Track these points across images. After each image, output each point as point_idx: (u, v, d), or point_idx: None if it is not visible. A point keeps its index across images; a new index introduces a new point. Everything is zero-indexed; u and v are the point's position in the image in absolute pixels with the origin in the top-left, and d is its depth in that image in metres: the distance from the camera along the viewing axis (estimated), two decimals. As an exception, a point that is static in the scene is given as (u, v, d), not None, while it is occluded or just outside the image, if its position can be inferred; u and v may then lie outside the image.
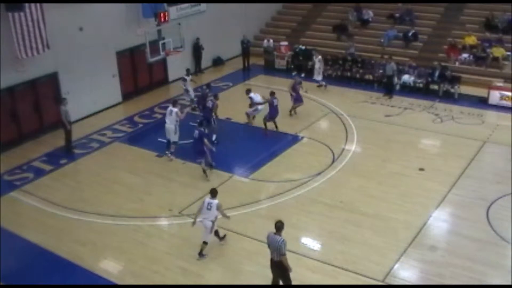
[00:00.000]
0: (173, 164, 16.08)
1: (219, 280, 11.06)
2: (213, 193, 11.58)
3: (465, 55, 22.54)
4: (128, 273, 11.43)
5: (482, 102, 19.92)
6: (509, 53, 21.90)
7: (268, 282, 10.55)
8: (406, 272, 11.11)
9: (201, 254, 11.64)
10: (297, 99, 19.07)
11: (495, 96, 19.67)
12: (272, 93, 17.79)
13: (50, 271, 11.55)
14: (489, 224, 12.50)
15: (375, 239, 12.12)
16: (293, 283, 10.17)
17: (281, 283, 10.24)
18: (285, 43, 25.36)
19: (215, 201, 11.46)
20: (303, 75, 22.45)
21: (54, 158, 16.78)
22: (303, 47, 24.55)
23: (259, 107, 18.17)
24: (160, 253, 11.97)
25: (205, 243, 11.63)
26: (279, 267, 9.97)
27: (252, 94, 18.23)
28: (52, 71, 18.34)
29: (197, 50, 24.03)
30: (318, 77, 22.04)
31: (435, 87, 20.97)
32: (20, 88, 17.55)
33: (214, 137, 16.95)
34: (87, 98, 19.34)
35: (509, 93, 19.35)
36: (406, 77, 21.60)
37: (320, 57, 22.18)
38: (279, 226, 9.87)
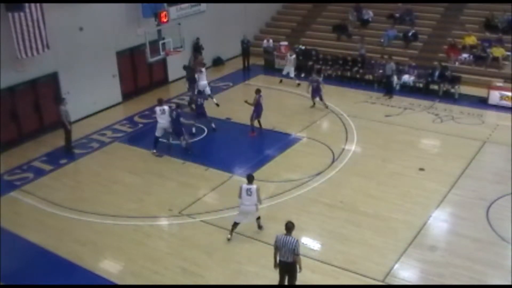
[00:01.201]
0: (173, 164, 16.09)
1: (219, 280, 11.04)
2: (250, 178, 11.86)
3: (465, 55, 22.52)
4: (128, 273, 11.43)
5: (482, 102, 19.91)
6: (509, 53, 21.89)
7: (268, 282, 10.56)
8: (406, 272, 11.11)
9: (260, 226, 12.32)
10: (314, 94, 19.65)
11: (495, 96, 19.67)
12: (258, 91, 17.51)
13: (50, 271, 11.54)
14: (489, 224, 12.50)
15: (375, 239, 12.12)
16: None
17: (286, 283, 10.20)
18: (285, 43, 25.35)
19: (254, 186, 11.72)
20: (303, 74, 22.64)
21: (54, 158, 16.77)
22: (303, 47, 24.55)
23: (201, 87, 18.86)
24: (160, 253, 11.96)
25: (258, 218, 12.24)
26: (290, 267, 9.88)
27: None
28: (52, 71, 18.32)
29: (197, 50, 24.02)
30: (291, 72, 22.56)
31: (435, 87, 20.96)
32: (20, 88, 17.53)
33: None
34: (87, 98, 19.32)
35: (509, 93, 19.34)
36: (406, 77, 21.58)
37: (295, 56, 22.77)
38: (290, 226, 9.83)
